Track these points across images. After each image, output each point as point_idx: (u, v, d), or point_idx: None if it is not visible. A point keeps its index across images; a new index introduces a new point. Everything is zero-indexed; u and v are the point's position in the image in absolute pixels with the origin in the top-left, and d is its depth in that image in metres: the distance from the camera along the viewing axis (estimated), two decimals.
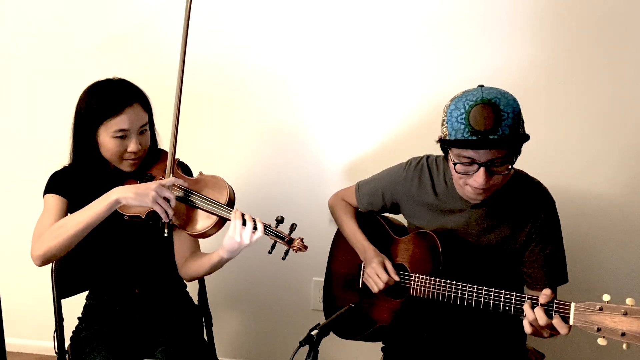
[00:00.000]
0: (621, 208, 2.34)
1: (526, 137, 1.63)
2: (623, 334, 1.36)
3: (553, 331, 1.52)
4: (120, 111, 1.78)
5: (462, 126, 1.58)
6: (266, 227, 1.73)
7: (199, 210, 1.82)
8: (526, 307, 1.53)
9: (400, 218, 2.06)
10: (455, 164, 1.65)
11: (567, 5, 2.25)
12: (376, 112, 2.46)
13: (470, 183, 1.66)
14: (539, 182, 1.80)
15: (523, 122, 1.63)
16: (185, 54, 1.87)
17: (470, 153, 1.60)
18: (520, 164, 1.75)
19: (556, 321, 1.48)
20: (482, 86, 1.64)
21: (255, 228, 1.71)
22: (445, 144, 1.65)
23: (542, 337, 1.56)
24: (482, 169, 1.61)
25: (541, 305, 1.50)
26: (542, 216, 1.75)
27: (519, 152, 1.66)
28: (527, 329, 1.54)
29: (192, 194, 1.82)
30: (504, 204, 1.77)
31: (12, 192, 2.77)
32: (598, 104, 2.30)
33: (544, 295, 1.51)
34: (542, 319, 1.49)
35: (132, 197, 1.70)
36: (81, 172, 1.87)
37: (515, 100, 1.61)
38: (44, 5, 2.59)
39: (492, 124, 1.55)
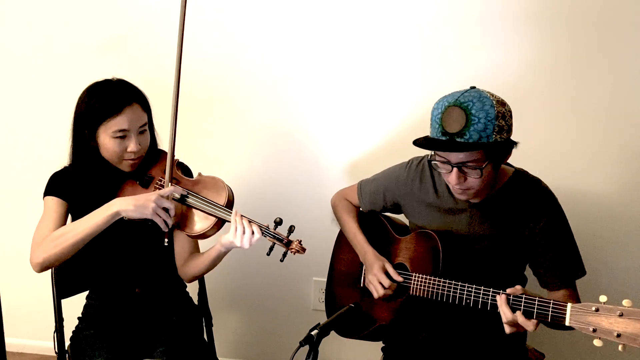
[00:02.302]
0: (619, 209, 2.34)
1: (505, 145, 1.62)
2: (618, 335, 1.36)
3: (520, 328, 1.55)
4: (120, 111, 1.78)
5: (437, 125, 1.63)
6: (265, 229, 1.73)
7: (197, 211, 1.82)
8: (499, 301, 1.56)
9: (401, 218, 2.06)
10: (433, 160, 1.70)
11: (566, 5, 2.25)
12: (376, 112, 2.46)
13: (448, 180, 1.70)
14: (540, 182, 1.80)
15: (501, 129, 1.59)
16: (181, 57, 1.85)
17: (441, 153, 1.64)
18: (520, 164, 1.75)
19: (521, 319, 1.51)
20: (473, 87, 1.65)
21: (253, 232, 1.72)
22: (417, 142, 1.69)
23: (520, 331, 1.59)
24: (454, 170, 1.64)
25: (514, 297, 1.54)
26: (545, 217, 1.74)
27: (498, 159, 1.66)
28: (506, 328, 1.57)
29: (191, 195, 1.82)
30: (505, 204, 1.77)
31: (12, 192, 2.77)
32: (597, 103, 2.29)
33: (515, 289, 1.55)
34: (505, 316, 1.53)
35: (132, 209, 1.71)
36: (81, 173, 1.87)
37: (493, 107, 1.58)
38: (44, 5, 2.59)
39: (459, 127, 1.57)
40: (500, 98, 1.63)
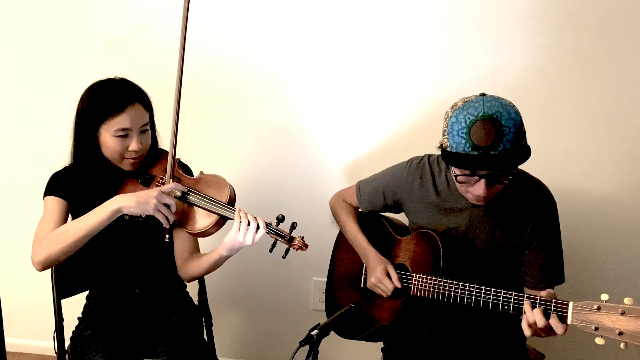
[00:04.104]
0: (620, 209, 2.34)
1: (527, 149, 1.62)
2: (620, 333, 1.36)
3: (551, 332, 1.52)
4: (122, 110, 1.78)
5: (463, 140, 1.57)
6: (267, 226, 1.73)
7: (199, 209, 1.82)
8: (526, 307, 1.54)
9: (401, 218, 2.06)
10: (456, 175, 1.65)
11: (567, 7, 2.25)
12: (377, 111, 2.46)
13: (472, 191, 1.67)
14: (540, 183, 1.80)
15: (525, 133, 1.61)
16: (183, 55, 1.86)
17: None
18: (522, 165, 1.75)
19: (553, 322, 1.48)
20: (484, 95, 1.62)
21: (257, 227, 1.72)
22: (446, 157, 1.65)
23: (540, 336, 1.56)
24: (482, 180, 1.62)
25: (541, 300, 1.51)
26: (543, 217, 1.75)
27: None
28: (526, 331, 1.54)
29: (193, 193, 1.82)
30: (505, 204, 1.77)
31: (12, 192, 2.77)
32: (598, 105, 2.30)
33: (547, 292, 1.52)
34: (540, 321, 1.49)
35: (133, 205, 1.71)
36: (82, 172, 1.87)
37: (517, 113, 1.59)
38: (44, 5, 2.59)
39: (493, 140, 1.54)
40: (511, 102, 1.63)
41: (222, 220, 1.81)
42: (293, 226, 1.74)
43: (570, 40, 2.28)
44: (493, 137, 1.54)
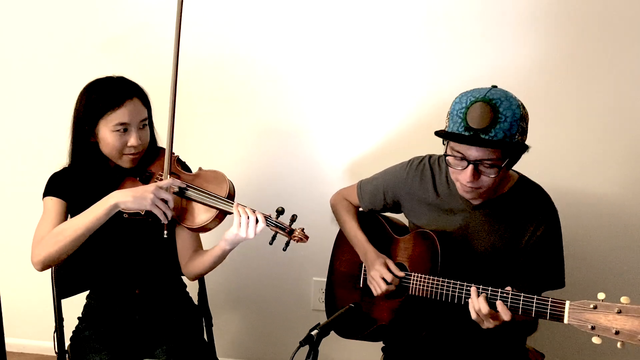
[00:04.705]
0: (619, 209, 2.34)
1: (522, 147, 1.62)
2: (617, 333, 1.36)
3: (496, 321, 1.56)
4: (120, 104, 1.78)
5: (459, 120, 1.60)
6: (267, 218, 1.73)
7: (198, 204, 1.82)
8: (473, 295, 1.59)
9: (401, 217, 2.06)
10: (447, 155, 1.67)
11: (568, 5, 2.25)
12: (377, 110, 2.46)
13: (460, 179, 1.67)
14: (542, 190, 1.79)
15: (523, 131, 1.61)
16: (178, 52, 1.87)
17: (461, 148, 1.62)
18: (520, 164, 1.75)
19: (500, 308, 1.53)
20: (495, 87, 1.64)
21: (256, 221, 1.72)
22: (439, 134, 1.67)
23: (483, 326, 1.61)
24: (469, 167, 1.62)
25: (513, 294, 1.54)
26: (543, 227, 1.74)
27: (513, 159, 1.65)
28: (473, 315, 1.60)
29: (191, 188, 1.82)
30: (506, 208, 1.77)
31: (11, 192, 2.77)
32: (598, 104, 2.29)
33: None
34: (484, 308, 1.55)
35: (130, 200, 1.71)
36: (80, 172, 1.87)
37: (519, 107, 1.59)
38: (44, 5, 2.59)
39: (486, 124, 1.55)
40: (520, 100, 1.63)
41: (221, 215, 1.80)
42: (293, 218, 1.74)
43: (571, 40, 2.27)
44: (487, 120, 1.55)
